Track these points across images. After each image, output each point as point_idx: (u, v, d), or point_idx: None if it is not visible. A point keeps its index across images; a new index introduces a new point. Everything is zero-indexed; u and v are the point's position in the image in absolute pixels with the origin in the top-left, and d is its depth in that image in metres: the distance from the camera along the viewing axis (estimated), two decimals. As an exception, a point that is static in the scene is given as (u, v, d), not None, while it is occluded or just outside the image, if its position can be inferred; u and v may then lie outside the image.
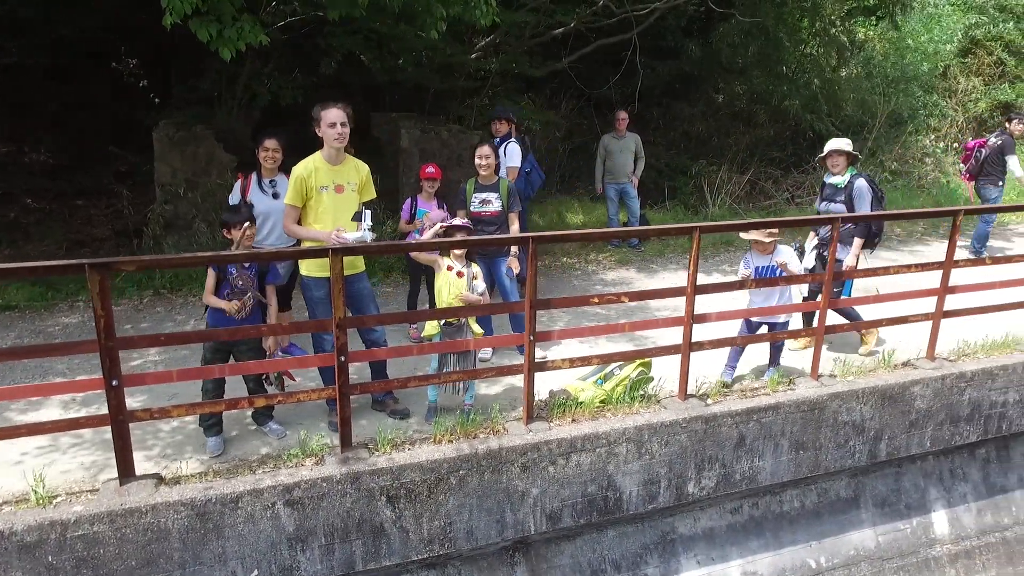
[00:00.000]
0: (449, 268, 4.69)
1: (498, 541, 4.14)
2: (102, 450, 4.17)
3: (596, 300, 4.18)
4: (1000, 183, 8.87)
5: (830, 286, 4.69)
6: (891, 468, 5.49)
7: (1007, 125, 9.00)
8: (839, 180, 5.65)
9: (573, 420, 4.27)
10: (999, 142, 8.73)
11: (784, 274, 4.89)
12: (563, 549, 4.57)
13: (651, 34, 13.26)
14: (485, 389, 5.14)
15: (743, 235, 4.99)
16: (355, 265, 4.18)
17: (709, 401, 4.58)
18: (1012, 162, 8.62)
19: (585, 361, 4.30)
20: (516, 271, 5.83)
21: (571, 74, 11.30)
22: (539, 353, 5.19)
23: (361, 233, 3.96)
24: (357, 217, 4.05)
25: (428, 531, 3.92)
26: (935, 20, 14.93)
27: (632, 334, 6.00)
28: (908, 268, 5.06)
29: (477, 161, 5.70)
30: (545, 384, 4.80)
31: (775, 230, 4.89)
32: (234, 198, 4.97)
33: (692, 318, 4.34)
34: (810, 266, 5.55)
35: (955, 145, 13.89)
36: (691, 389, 4.75)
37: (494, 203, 5.72)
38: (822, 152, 5.75)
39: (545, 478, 4.11)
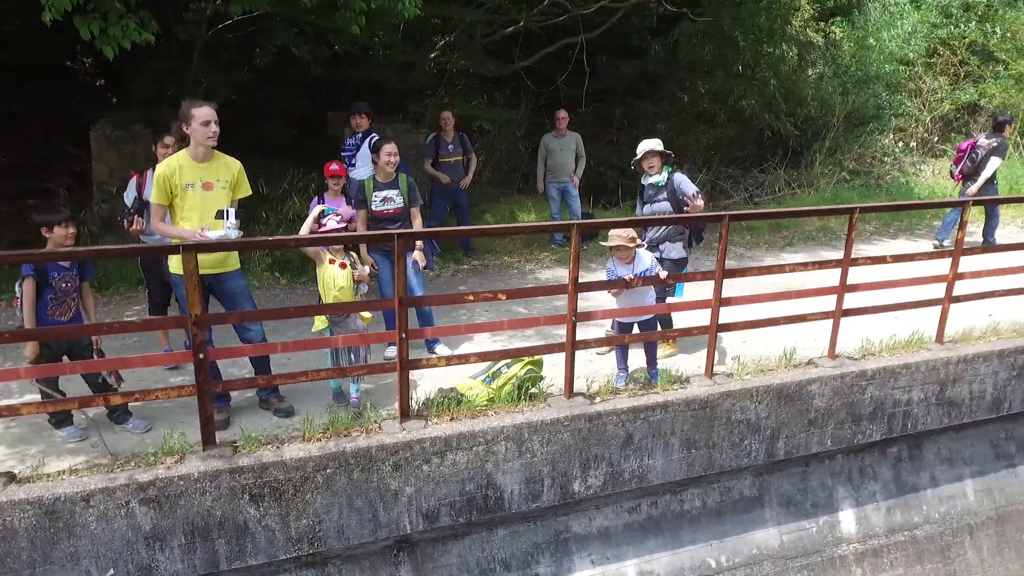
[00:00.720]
0: (331, 261, 4.71)
1: (372, 540, 4.12)
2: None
3: (471, 297, 4.16)
4: (994, 182, 9.22)
5: (719, 285, 4.67)
6: (798, 467, 5.48)
7: (1005, 128, 9.22)
8: (658, 179, 5.65)
9: (452, 418, 4.25)
10: (994, 143, 8.99)
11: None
12: (450, 548, 4.55)
13: (616, 34, 13.28)
14: (387, 381, 5.14)
15: (606, 243, 4.96)
16: (225, 263, 4.17)
17: (596, 400, 4.56)
18: (991, 164, 8.94)
19: (462, 359, 4.29)
20: (422, 265, 5.89)
21: (522, 73, 11.26)
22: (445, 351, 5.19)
23: (224, 231, 3.94)
24: (220, 215, 4.03)
25: (296, 530, 3.90)
26: (897, 19, 14.95)
27: (550, 331, 6.00)
28: (805, 266, 5.05)
29: (384, 158, 5.70)
30: (447, 382, 4.82)
31: (636, 238, 4.85)
32: (129, 196, 4.96)
33: (575, 315, 4.33)
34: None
35: (913, 145, 13.91)
36: (586, 388, 4.74)
37: (396, 200, 5.73)
38: (637, 155, 5.70)
39: (420, 477, 4.09)
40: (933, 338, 5.64)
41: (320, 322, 4.83)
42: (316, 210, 5.32)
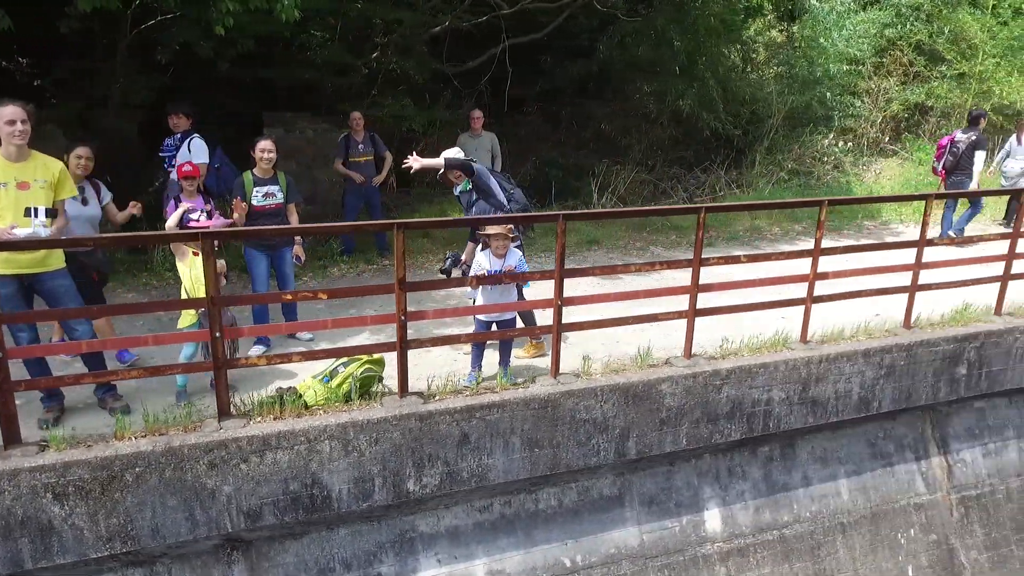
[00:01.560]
0: (195, 253, 4.73)
1: (192, 539, 4.11)
2: None
3: (289, 297, 4.16)
4: (975, 176, 9.54)
5: (559, 284, 4.68)
6: (662, 467, 5.48)
7: (980, 122, 9.66)
8: (465, 185, 5.73)
9: (276, 418, 4.25)
10: (972, 137, 9.41)
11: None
12: (287, 547, 4.56)
13: (565, 34, 13.29)
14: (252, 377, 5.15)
15: (488, 229, 4.97)
16: (45, 263, 4.17)
17: (433, 399, 4.57)
18: (979, 157, 9.32)
19: (284, 359, 4.29)
20: (303, 260, 5.97)
21: (449, 74, 11.25)
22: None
23: (32, 229, 3.95)
24: (28, 213, 4.04)
25: (106, 528, 3.90)
26: (844, 19, 14.96)
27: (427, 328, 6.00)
28: (652, 266, 5.07)
29: (260, 155, 5.78)
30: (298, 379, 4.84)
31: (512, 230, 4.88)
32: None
33: (404, 315, 4.33)
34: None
35: (864, 144, 13.93)
36: (426, 387, 4.75)
37: (277, 195, 5.87)
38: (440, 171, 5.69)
39: (238, 476, 4.09)
40: (799, 338, 5.64)
41: (188, 317, 4.84)
42: (180, 209, 5.35)
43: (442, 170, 5.58)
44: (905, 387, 5.83)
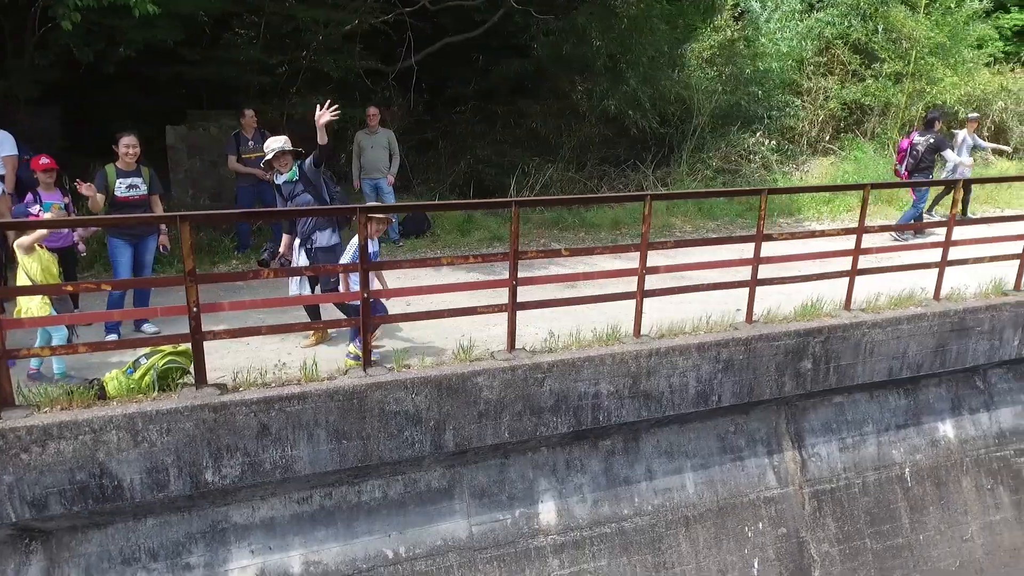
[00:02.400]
0: (41, 246, 4.86)
1: (-27, 528, 4.14)
2: None
3: (70, 288, 4.19)
4: (930, 175, 9.94)
5: (364, 276, 4.71)
6: (496, 459, 5.52)
7: (935, 124, 9.91)
8: (291, 175, 5.74)
9: (63, 408, 4.28)
10: (930, 139, 9.66)
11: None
12: (90, 537, 4.59)
13: (500, 32, 13.34)
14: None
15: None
16: None
17: (237, 390, 4.60)
18: (950, 155, 9.79)
19: (71, 349, 4.32)
20: (168, 249, 6.09)
21: (360, 72, 11.28)
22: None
23: None
24: None
25: None
26: (788, 19, 15.02)
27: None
28: (466, 259, 5.09)
29: (123, 150, 5.93)
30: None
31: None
32: None
33: (198, 307, 4.36)
34: (303, 263, 5.55)
35: (805, 143, 14.02)
36: (232, 379, 4.78)
37: (140, 187, 6.07)
38: (266, 155, 5.73)
39: (19, 465, 4.12)
40: (634, 332, 5.67)
41: (43, 305, 4.89)
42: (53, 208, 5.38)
43: (275, 154, 5.61)
44: (747, 381, 5.87)
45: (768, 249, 5.96)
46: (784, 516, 6.27)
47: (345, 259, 5.40)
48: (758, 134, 12.80)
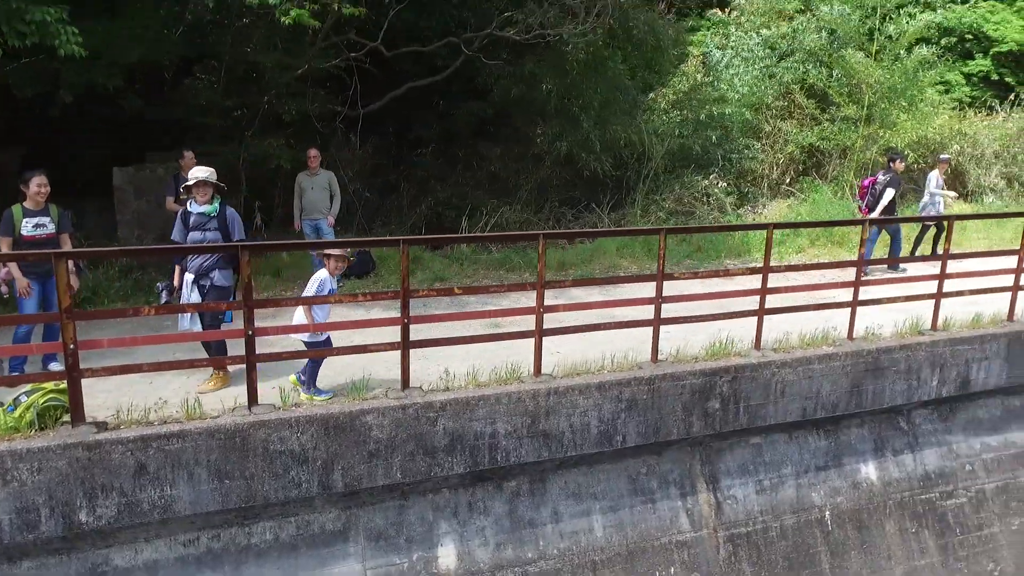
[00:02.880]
0: None
1: None
2: None
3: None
4: (894, 211, 10.20)
5: (251, 314, 4.74)
6: (394, 501, 5.47)
7: (891, 164, 10.25)
8: (210, 209, 5.75)
9: (-72, 446, 4.26)
10: (887, 178, 10.04)
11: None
12: (-39, 581, 4.52)
13: (462, 77, 13.62)
14: None
15: (333, 251, 5.33)
16: None
17: (117, 428, 4.58)
18: (887, 195, 9.94)
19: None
20: (76, 288, 6.09)
21: (312, 115, 11.46)
22: None
23: None
24: None
25: None
26: (751, 65, 15.38)
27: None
28: (355, 297, 5.12)
29: (35, 189, 5.99)
30: None
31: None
32: None
33: (75, 343, 4.38)
34: (195, 299, 5.56)
35: (751, 186, 14.18)
36: (114, 416, 4.77)
37: (48, 226, 6.11)
38: (189, 182, 5.76)
39: None
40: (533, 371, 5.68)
41: None
42: None
43: (196, 181, 5.68)
44: (652, 421, 5.85)
45: (690, 287, 6.01)
46: (697, 560, 6.19)
47: (309, 291, 5.43)
48: (711, 176, 12.95)
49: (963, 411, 7.49)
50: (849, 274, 7.10)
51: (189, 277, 5.55)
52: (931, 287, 6.96)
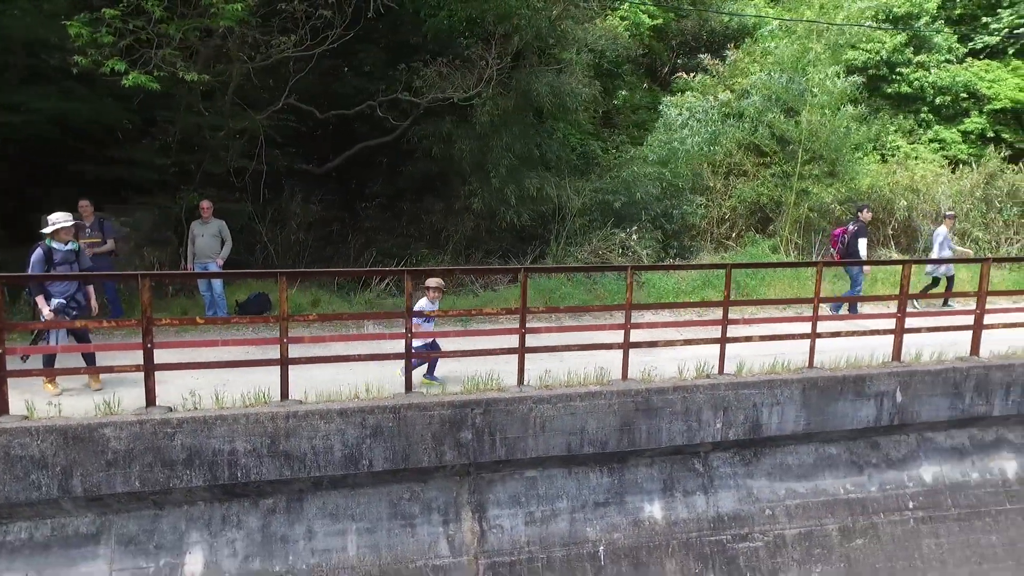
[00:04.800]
0: None
1: None
2: None
3: None
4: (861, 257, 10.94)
5: (147, 334, 5.49)
6: (149, 509, 6.04)
7: (859, 215, 11.02)
8: (74, 246, 6.95)
9: None
10: (855, 228, 10.80)
11: None
12: None
13: (409, 137, 14.61)
14: None
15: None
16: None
17: None
18: (862, 244, 10.74)
19: None
20: None
21: (229, 171, 12.48)
22: None
23: None
24: None
25: None
26: (703, 124, 15.87)
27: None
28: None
29: None
30: None
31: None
32: None
33: None
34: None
35: (713, 236, 14.58)
36: None
37: None
38: (48, 227, 6.93)
39: None
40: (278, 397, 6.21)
41: None
42: None
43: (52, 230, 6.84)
44: (400, 448, 6.27)
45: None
46: (454, 585, 6.48)
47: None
48: (631, 230, 13.34)
49: (769, 456, 7.59)
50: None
51: (54, 302, 6.73)
52: (716, 332, 7.21)
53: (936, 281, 11.85)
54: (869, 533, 7.67)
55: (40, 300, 6.79)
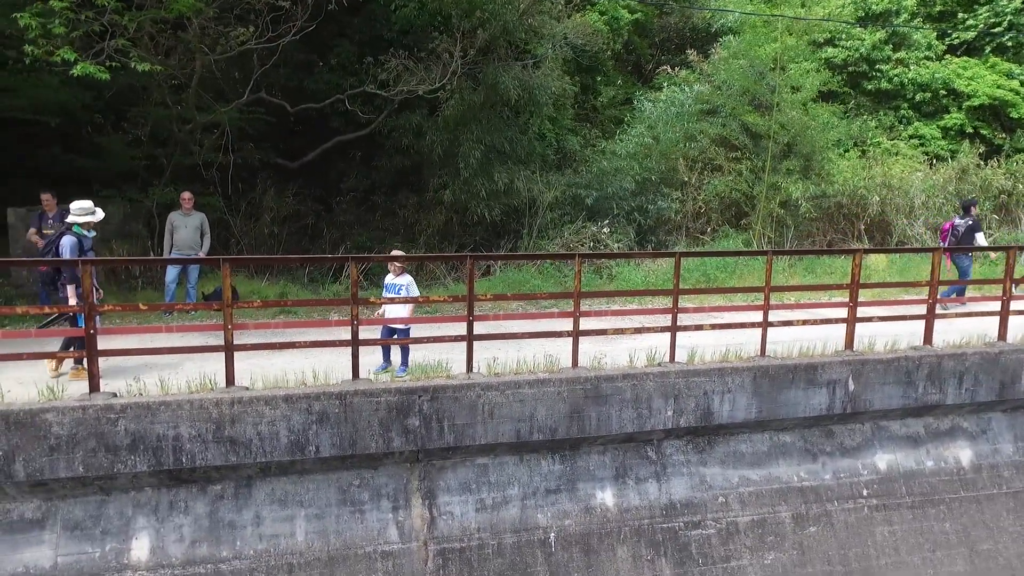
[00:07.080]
0: None
1: None
2: None
3: None
4: (970, 253, 11.48)
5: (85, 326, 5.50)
6: (96, 495, 6.06)
7: (971, 209, 11.43)
8: (92, 234, 7.32)
9: None
10: (969, 222, 11.19)
11: None
12: None
13: (382, 131, 14.65)
14: None
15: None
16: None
17: None
18: (979, 237, 11.12)
19: None
20: None
21: (204, 165, 12.50)
22: None
23: None
24: None
25: None
26: (677, 120, 15.95)
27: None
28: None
29: None
30: None
31: None
32: None
33: None
34: None
35: (686, 231, 14.60)
36: None
37: None
38: (83, 216, 6.79)
39: None
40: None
41: None
42: None
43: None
44: (347, 434, 6.30)
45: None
46: (402, 570, 6.51)
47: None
48: (601, 224, 13.39)
49: (722, 444, 7.65)
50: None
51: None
52: (667, 320, 7.26)
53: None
54: (823, 520, 7.73)
55: (71, 288, 7.03)
